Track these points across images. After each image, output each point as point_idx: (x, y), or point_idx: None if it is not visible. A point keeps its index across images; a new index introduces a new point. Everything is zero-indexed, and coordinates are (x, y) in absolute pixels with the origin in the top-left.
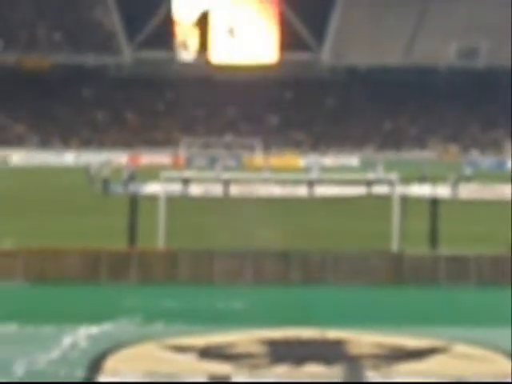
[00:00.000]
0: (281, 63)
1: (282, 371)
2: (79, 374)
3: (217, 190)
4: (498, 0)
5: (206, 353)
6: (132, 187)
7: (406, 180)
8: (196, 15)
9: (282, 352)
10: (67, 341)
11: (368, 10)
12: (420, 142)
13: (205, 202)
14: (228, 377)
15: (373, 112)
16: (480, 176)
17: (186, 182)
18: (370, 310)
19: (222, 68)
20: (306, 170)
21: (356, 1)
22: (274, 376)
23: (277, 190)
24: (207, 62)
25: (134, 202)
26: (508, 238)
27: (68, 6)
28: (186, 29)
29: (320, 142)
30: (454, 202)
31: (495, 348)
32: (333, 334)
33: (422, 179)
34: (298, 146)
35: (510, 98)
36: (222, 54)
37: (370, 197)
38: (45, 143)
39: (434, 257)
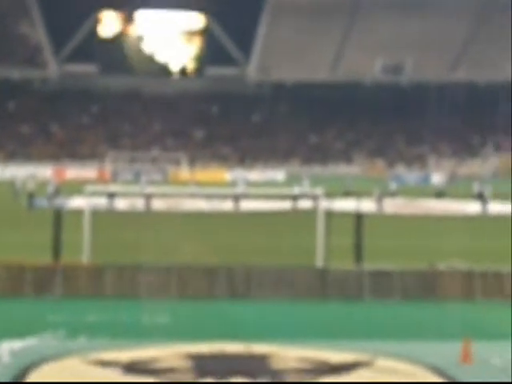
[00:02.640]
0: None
1: None
2: None
3: (142, 204)
4: (423, 16)
5: (131, 367)
6: (57, 201)
7: (331, 195)
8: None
9: (206, 366)
10: None
11: (294, 25)
12: (345, 157)
13: (130, 216)
14: None
15: (299, 127)
16: (405, 191)
17: (111, 196)
18: (294, 324)
19: (148, 81)
20: (232, 184)
21: (283, 16)
22: None
23: (202, 205)
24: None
25: (59, 216)
26: (431, 252)
27: None
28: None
29: (246, 156)
30: (379, 217)
31: (418, 362)
32: (258, 348)
33: (347, 194)
34: (223, 160)
35: (435, 113)
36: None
37: (295, 211)
38: None
39: (358, 272)
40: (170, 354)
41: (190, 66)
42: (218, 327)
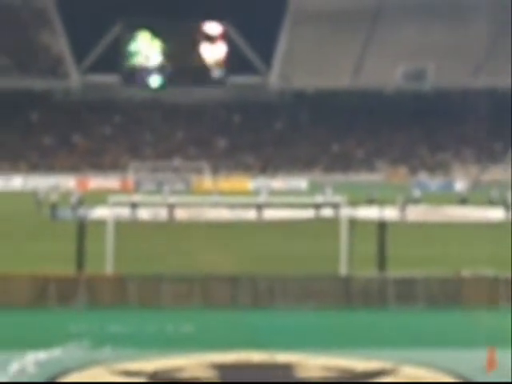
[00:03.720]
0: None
1: None
2: None
3: (165, 214)
4: (445, 22)
5: (155, 377)
6: (80, 212)
7: (354, 203)
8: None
9: (231, 376)
10: (15, 367)
11: (316, 33)
12: (368, 165)
13: (153, 226)
14: None
15: (321, 135)
16: (428, 198)
17: (134, 206)
18: (318, 333)
19: (170, 91)
20: (255, 193)
21: (304, 24)
22: None
23: (225, 214)
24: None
25: (82, 226)
26: (456, 259)
27: (16, 29)
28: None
29: (268, 165)
30: (402, 225)
31: (443, 370)
32: (282, 357)
33: (369, 202)
34: (246, 169)
35: (457, 120)
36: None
37: (318, 220)
38: None
39: (382, 279)
40: (193, 363)
41: (213, 74)
42: (242, 336)
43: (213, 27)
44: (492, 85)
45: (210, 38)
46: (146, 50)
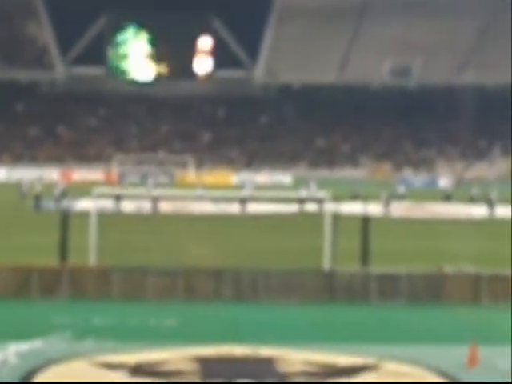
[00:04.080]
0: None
1: None
2: None
3: (149, 206)
4: (431, 18)
5: (138, 370)
6: (64, 203)
7: (338, 198)
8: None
9: (213, 369)
10: None
11: (302, 27)
12: (352, 160)
13: (137, 218)
14: None
15: (306, 130)
16: (412, 194)
17: (118, 198)
18: (301, 327)
19: (156, 85)
20: (239, 187)
21: (290, 18)
22: None
23: (209, 207)
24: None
25: (66, 218)
26: (439, 255)
27: (1, 20)
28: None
29: (253, 159)
30: (386, 220)
31: (425, 366)
32: (264, 351)
33: (354, 197)
34: (230, 163)
35: (442, 116)
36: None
37: (302, 214)
38: None
39: (365, 274)
40: (176, 356)
41: (199, 69)
42: (225, 330)
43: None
44: (478, 81)
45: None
46: (132, 42)
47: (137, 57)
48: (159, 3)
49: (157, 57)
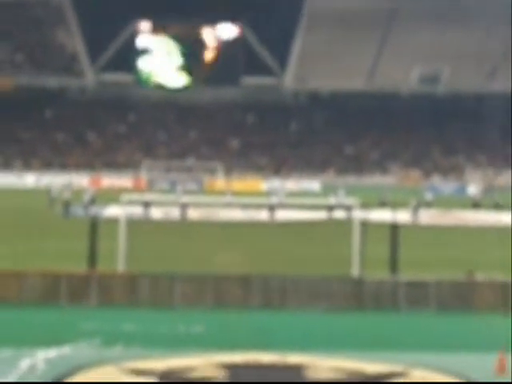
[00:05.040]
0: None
1: None
2: None
3: (178, 213)
4: (461, 25)
5: (166, 377)
6: (93, 210)
7: (367, 205)
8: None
9: (241, 376)
10: (25, 364)
11: (331, 34)
12: (381, 167)
13: (166, 225)
14: None
15: (334, 136)
16: (441, 201)
17: (146, 205)
18: (329, 334)
19: (185, 91)
20: (268, 194)
21: (319, 25)
22: None
23: (238, 214)
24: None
25: (95, 224)
26: (467, 263)
27: (31, 27)
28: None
29: (282, 166)
30: (415, 228)
31: (454, 373)
32: (293, 358)
33: (382, 204)
34: (259, 170)
35: (471, 124)
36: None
37: (330, 221)
38: (6, 165)
39: (393, 282)
40: (204, 363)
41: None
42: (253, 337)
43: (228, 29)
44: (506, 89)
45: (225, 40)
46: (160, 50)
47: (166, 65)
48: (186, 11)
49: (186, 65)
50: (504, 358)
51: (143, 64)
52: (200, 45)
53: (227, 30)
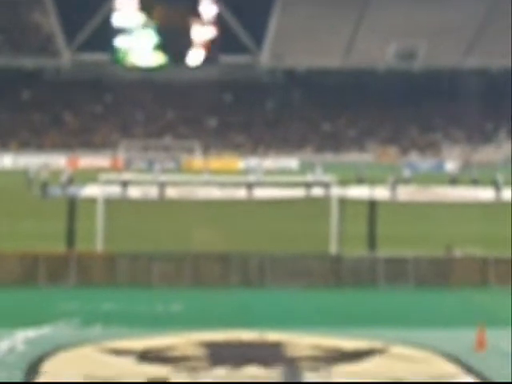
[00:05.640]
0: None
1: (221, 374)
2: (17, 378)
3: (156, 192)
4: (436, 1)
5: (145, 356)
6: (70, 190)
7: (345, 182)
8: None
9: (221, 354)
10: (4, 344)
11: (307, 12)
12: (358, 144)
13: (143, 204)
14: (166, 379)
15: (311, 114)
16: (418, 178)
17: (124, 184)
18: (308, 311)
19: (161, 70)
20: (246, 172)
21: (295, 3)
22: (213, 378)
23: (216, 193)
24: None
25: (73, 204)
26: (446, 239)
27: (6, 8)
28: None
29: (259, 144)
30: (393, 204)
31: (432, 349)
32: (272, 336)
33: (360, 181)
34: (237, 148)
35: (448, 100)
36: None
37: (308, 199)
38: None
39: (372, 259)
40: (183, 342)
41: (203, 54)
42: (232, 315)
43: (206, 8)
44: (483, 65)
45: (203, 18)
46: (137, 29)
47: (141, 44)
48: None
49: (161, 44)
50: (483, 333)
51: (120, 43)
52: (178, 23)
53: (207, 9)
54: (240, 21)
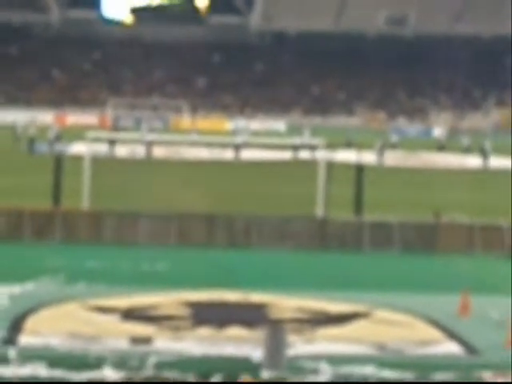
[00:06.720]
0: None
1: (204, 333)
2: (0, 334)
3: (143, 151)
4: None
5: (129, 314)
6: (57, 147)
7: (332, 146)
8: None
9: (204, 314)
10: None
11: None
12: (347, 108)
13: (130, 163)
14: (150, 338)
15: (301, 77)
16: (406, 143)
17: (111, 142)
18: (293, 274)
19: (151, 29)
20: (233, 133)
21: None
22: (197, 338)
23: (203, 153)
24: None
25: (59, 161)
26: (432, 205)
27: None
28: None
29: (247, 105)
30: (380, 169)
31: (416, 314)
32: (256, 297)
33: (348, 145)
34: (225, 109)
35: (437, 66)
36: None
37: (295, 162)
38: None
39: (358, 223)
40: (168, 301)
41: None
42: (217, 276)
43: None
44: (473, 32)
45: None
46: None
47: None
48: None
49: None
50: (467, 299)
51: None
52: None
53: None
54: None
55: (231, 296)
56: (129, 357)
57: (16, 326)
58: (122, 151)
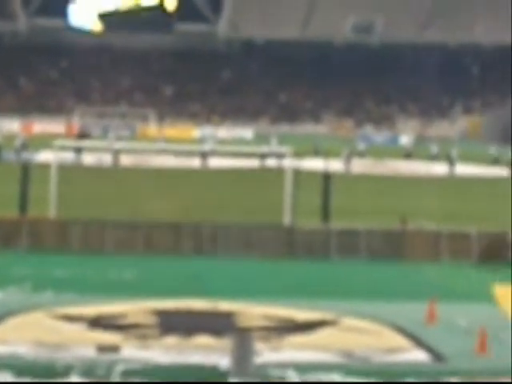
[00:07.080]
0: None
1: (171, 342)
2: None
3: (110, 159)
4: None
5: (96, 323)
6: (24, 155)
7: (300, 154)
8: None
9: (172, 323)
10: None
11: None
12: (314, 116)
13: (97, 171)
14: (117, 347)
15: (268, 85)
16: (373, 151)
17: (78, 150)
18: (261, 282)
19: (118, 37)
20: (200, 141)
21: None
22: (164, 347)
23: (170, 161)
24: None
25: (26, 169)
26: (399, 212)
27: None
28: None
29: (215, 113)
30: (347, 177)
31: (384, 322)
32: (224, 305)
33: (315, 153)
34: (192, 117)
35: (404, 74)
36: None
37: (263, 170)
38: None
39: (325, 230)
40: (135, 309)
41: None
42: (184, 284)
43: None
44: (440, 40)
45: None
46: None
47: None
48: None
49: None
50: (434, 306)
51: (73, 8)
52: None
53: None
54: None
55: (198, 304)
56: (96, 365)
57: None
58: (89, 159)
